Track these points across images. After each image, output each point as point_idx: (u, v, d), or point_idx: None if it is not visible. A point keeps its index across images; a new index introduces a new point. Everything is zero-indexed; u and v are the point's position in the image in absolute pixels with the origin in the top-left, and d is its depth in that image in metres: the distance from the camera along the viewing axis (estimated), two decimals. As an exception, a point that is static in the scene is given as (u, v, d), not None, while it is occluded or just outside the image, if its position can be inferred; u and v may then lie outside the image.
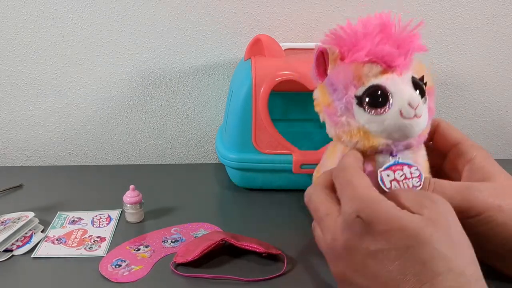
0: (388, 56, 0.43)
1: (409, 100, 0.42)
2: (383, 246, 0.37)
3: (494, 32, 0.80)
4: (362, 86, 0.43)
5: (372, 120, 0.43)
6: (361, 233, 0.38)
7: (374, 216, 0.37)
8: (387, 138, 0.43)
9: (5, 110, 0.80)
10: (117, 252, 0.55)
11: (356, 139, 0.44)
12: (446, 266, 0.35)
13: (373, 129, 0.43)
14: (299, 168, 0.65)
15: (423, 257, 0.35)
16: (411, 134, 0.43)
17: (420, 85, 0.45)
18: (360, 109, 0.43)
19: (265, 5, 0.76)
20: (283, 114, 0.71)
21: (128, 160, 0.85)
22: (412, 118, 0.42)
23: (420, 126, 0.44)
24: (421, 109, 0.43)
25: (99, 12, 0.75)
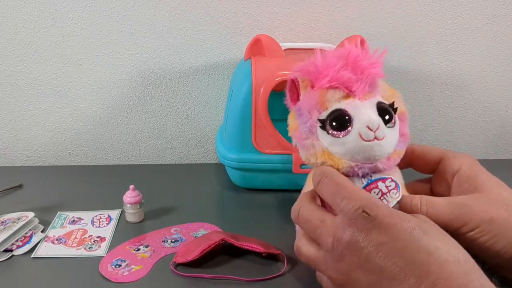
0: (348, 82, 0.45)
1: (367, 123, 0.44)
2: (389, 237, 0.38)
3: (494, 32, 0.80)
4: (325, 111, 0.46)
5: (334, 143, 0.45)
6: (366, 227, 0.39)
7: (377, 211, 0.39)
8: (351, 160, 0.45)
9: (5, 110, 0.80)
10: (117, 252, 0.55)
11: (322, 160, 0.45)
12: (450, 254, 0.36)
13: (335, 151, 0.45)
14: (299, 168, 0.65)
15: (429, 248, 0.37)
16: (373, 157, 0.44)
17: (387, 110, 0.46)
18: (323, 132, 0.45)
19: (265, 5, 0.76)
20: (283, 114, 0.71)
21: (128, 160, 0.85)
22: (372, 140, 0.44)
23: (383, 150, 0.45)
24: (382, 132, 0.44)
25: (99, 12, 0.75)
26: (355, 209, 0.39)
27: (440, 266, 0.35)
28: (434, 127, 0.85)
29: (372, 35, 0.78)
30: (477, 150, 0.86)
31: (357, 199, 0.40)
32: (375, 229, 0.38)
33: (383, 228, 0.38)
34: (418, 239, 0.37)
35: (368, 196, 0.41)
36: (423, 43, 0.80)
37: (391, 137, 0.46)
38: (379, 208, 0.39)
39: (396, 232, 0.38)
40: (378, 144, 0.44)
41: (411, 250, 0.37)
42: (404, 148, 0.48)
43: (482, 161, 0.50)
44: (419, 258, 0.36)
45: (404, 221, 0.38)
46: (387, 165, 0.46)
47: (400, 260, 0.37)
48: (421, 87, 0.82)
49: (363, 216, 0.39)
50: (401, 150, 0.47)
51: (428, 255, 0.36)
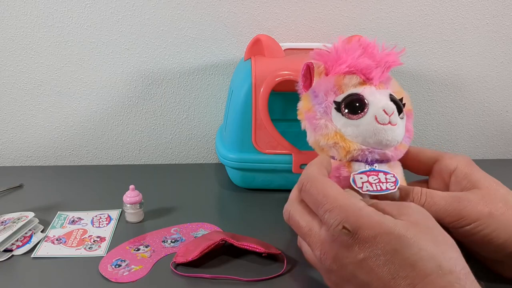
0: (366, 69, 0.47)
1: (384, 107, 0.45)
2: (371, 253, 0.37)
3: (494, 32, 0.80)
4: (341, 94, 0.47)
5: (348, 124, 0.46)
6: (348, 243, 0.38)
7: (358, 223, 0.37)
8: (362, 143, 0.45)
9: (5, 110, 0.80)
10: (117, 252, 0.55)
11: (333, 140, 0.46)
12: (434, 265, 0.35)
13: (348, 133, 0.46)
14: (299, 168, 0.65)
15: (412, 259, 0.35)
16: (385, 141, 0.45)
17: (397, 102, 0.48)
18: (338, 114, 0.46)
19: (265, 5, 0.76)
20: (283, 114, 0.71)
21: (128, 160, 0.85)
22: (386, 124, 0.45)
23: (395, 136, 0.46)
24: (396, 118, 0.46)
25: (99, 12, 0.75)
26: (335, 225, 0.38)
27: (424, 279, 0.35)
28: (434, 127, 0.85)
29: (372, 35, 0.78)
30: (477, 150, 0.86)
31: (337, 212, 0.38)
32: (357, 244, 0.37)
33: (364, 242, 0.37)
34: (402, 249, 0.36)
35: (350, 205, 0.39)
36: (423, 43, 0.80)
37: (401, 127, 0.47)
38: (360, 220, 0.37)
39: (379, 245, 0.36)
40: (392, 128, 0.45)
41: (394, 263, 0.36)
42: (408, 144, 0.49)
43: (482, 161, 0.50)
44: (402, 272, 0.35)
45: (387, 230, 0.37)
46: (394, 154, 0.47)
47: (383, 274, 0.36)
48: (421, 87, 0.82)
49: (343, 232, 0.38)
50: (406, 144, 0.48)
51: (411, 268, 0.35)
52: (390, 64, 0.48)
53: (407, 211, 0.39)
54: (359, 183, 0.44)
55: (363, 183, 0.44)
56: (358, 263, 0.37)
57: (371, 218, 0.38)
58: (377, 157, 0.46)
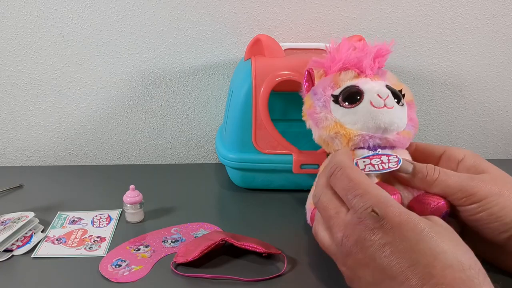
0: (358, 61, 0.49)
1: (378, 92, 0.47)
2: (394, 239, 0.38)
3: (494, 32, 0.80)
4: (338, 88, 0.49)
5: (346, 113, 0.48)
6: (373, 227, 0.39)
7: (387, 210, 0.39)
8: (362, 129, 0.47)
9: (5, 110, 0.80)
10: (117, 252, 0.55)
11: (334, 131, 0.48)
12: (455, 259, 0.36)
13: (347, 122, 0.48)
14: (299, 168, 0.65)
15: (434, 249, 0.37)
16: (384, 124, 0.47)
17: (394, 91, 0.49)
18: (336, 106, 0.48)
19: (265, 5, 0.76)
20: (283, 114, 0.71)
21: (128, 160, 0.85)
22: (382, 107, 0.47)
23: (393, 118, 0.47)
24: (391, 101, 0.47)
25: (99, 12, 0.75)
26: (364, 208, 0.40)
27: (444, 270, 0.35)
28: (434, 127, 0.86)
29: (372, 35, 0.78)
30: (477, 150, 0.86)
31: (368, 197, 0.40)
32: (383, 228, 0.39)
33: (391, 227, 0.38)
34: (425, 240, 0.37)
35: (381, 193, 0.41)
36: (423, 43, 0.80)
37: (401, 113, 0.48)
38: (388, 208, 0.39)
39: (403, 232, 0.38)
40: (388, 111, 0.47)
41: (416, 251, 0.37)
42: (413, 132, 0.50)
43: (482, 161, 0.50)
44: (423, 260, 0.36)
45: (412, 221, 0.38)
46: (397, 139, 0.48)
47: (403, 260, 0.37)
48: (421, 87, 0.82)
49: (371, 215, 0.39)
50: (410, 132, 0.49)
51: (433, 258, 0.36)
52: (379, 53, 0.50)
53: (430, 218, 0.41)
54: (362, 166, 0.46)
55: (366, 165, 0.46)
56: (379, 247, 0.38)
57: (399, 209, 0.39)
58: (379, 141, 0.47)
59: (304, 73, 0.54)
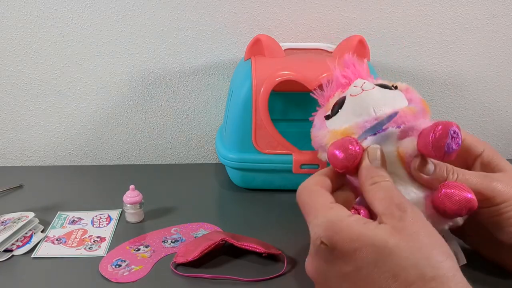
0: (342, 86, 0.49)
1: (354, 85, 0.48)
2: (352, 267, 0.36)
3: (494, 32, 0.80)
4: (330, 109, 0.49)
5: (336, 118, 0.47)
6: (328, 258, 0.38)
7: (337, 238, 0.37)
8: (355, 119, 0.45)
9: (5, 110, 0.80)
10: (117, 252, 0.55)
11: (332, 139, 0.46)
12: (417, 273, 0.34)
13: (340, 124, 0.47)
14: (299, 168, 0.65)
15: (394, 269, 0.35)
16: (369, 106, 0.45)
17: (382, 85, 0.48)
18: (329, 120, 0.48)
19: (265, 5, 0.76)
20: (283, 114, 0.71)
21: (128, 160, 0.85)
22: (360, 93, 0.46)
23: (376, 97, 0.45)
24: (369, 85, 0.47)
25: (99, 12, 0.75)
26: (314, 239, 0.38)
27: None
28: (434, 127, 0.85)
29: (372, 35, 0.78)
30: (477, 150, 0.86)
31: (318, 226, 0.38)
32: (337, 259, 0.37)
33: (345, 256, 0.37)
34: (382, 262, 0.35)
35: (332, 217, 0.38)
36: (423, 43, 0.80)
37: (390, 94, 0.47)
38: (337, 234, 0.37)
39: (359, 259, 0.36)
40: (367, 93, 0.46)
41: (376, 275, 0.35)
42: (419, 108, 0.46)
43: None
44: (385, 284, 0.35)
45: (366, 243, 0.36)
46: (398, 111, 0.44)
47: (367, 287, 0.36)
48: (421, 87, 0.82)
49: (322, 248, 0.37)
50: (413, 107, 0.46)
51: (393, 279, 0.35)
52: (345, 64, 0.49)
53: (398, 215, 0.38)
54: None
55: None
56: (341, 277, 0.37)
57: (350, 230, 0.37)
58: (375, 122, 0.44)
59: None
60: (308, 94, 0.54)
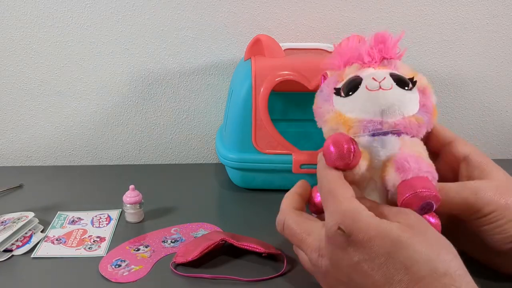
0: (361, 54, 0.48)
1: (372, 75, 0.45)
2: (365, 256, 0.37)
3: (494, 32, 0.80)
4: (342, 82, 0.47)
5: (345, 102, 0.46)
6: (343, 245, 0.38)
7: (354, 226, 0.38)
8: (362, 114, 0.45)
9: (5, 110, 0.80)
10: (117, 252, 0.55)
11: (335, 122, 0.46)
12: (428, 267, 0.35)
13: (346, 110, 0.46)
14: (299, 168, 0.65)
15: (406, 262, 0.35)
16: (379, 105, 0.44)
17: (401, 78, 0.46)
18: (337, 97, 0.47)
19: (265, 5, 0.76)
20: (283, 114, 0.71)
21: (128, 160, 0.85)
22: (377, 89, 0.44)
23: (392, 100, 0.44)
24: (388, 83, 0.45)
25: (99, 12, 0.75)
26: (331, 225, 0.39)
27: (419, 282, 0.35)
28: (434, 127, 0.85)
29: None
30: (477, 150, 0.86)
31: (337, 213, 0.39)
32: (351, 246, 0.38)
33: (359, 245, 0.37)
34: (396, 254, 0.36)
35: (352, 207, 0.39)
36: (423, 43, 0.80)
37: (404, 96, 0.45)
38: (355, 223, 0.38)
39: (373, 248, 0.37)
40: (384, 93, 0.44)
41: (388, 267, 0.36)
42: (426, 119, 0.46)
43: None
44: (396, 275, 0.35)
45: (381, 234, 0.37)
46: (400, 123, 0.44)
47: (378, 277, 0.36)
48: (421, 87, 0.82)
49: (338, 233, 0.38)
50: (422, 118, 0.46)
51: (405, 271, 0.35)
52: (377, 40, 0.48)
53: (404, 216, 0.39)
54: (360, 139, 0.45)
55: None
56: (353, 266, 0.38)
57: (368, 221, 0.38)
58: (379, 126, 0.44)
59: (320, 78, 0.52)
60: (308, 94, 0.54)
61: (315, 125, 0.55)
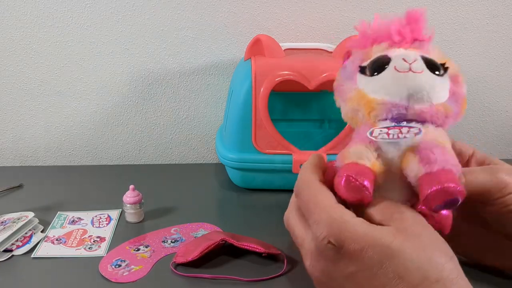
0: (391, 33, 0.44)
1: (403, 56, 0.42)
2: (358, 267, 0.36)
3: (494, 32, 0.80)
4: (368, 60, 0.44)
5: (370, 81, 0.42)
6: (334, 258, 0.37)
7: (343, 237, 0.36)
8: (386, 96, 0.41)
9: (5, 110, 0.80)
10: (117, 252, 0.55)
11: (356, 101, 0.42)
12: (420, 275, 0.34)
13: (371, 90, 0.42)
14: (299, 168, 0.65)
15: (399, 271, 0.35)
16: (407, 89, 0.41)
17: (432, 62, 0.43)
18: (362, 76, 0.43)
19: (265, 5, 0.76)
20: (283, 114, 0.71)
21: (128, 160, 0.85)
22: (406, 71, 0.41)
23: (421, 83, 0.41)
24: (419, 65, 0.41)
25: (99, 12, 0.75)
26: (321, 239, 0.37)
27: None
28: (434, 127, 0.85)
29: (372, 35, 0.78)
30: (477, 150, 0.86)
31: (323, 224, 0.37)
32: (343, 259, 0.37)
33: (351, 256, 0.36)
34: (387, 263, 0.35)
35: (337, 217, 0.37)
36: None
37: (435, 81, 0.42)
38: (344, 233, 0.36)
39: (364, 259, 0.36)
40: (414, 75, 0.41)
41: (381, 277, 0.35)
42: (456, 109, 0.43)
43: (482, 161, 0.50)
44: (389, 285, 0.35)
45: (372, 244, 0.36)
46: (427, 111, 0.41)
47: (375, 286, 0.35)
48: (421, 87, 0.82)
49: (329, 247, 0.37)
50: (451, 107, 0.43)
51: (399, 280, 0.34)
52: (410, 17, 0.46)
53: (398, 216, 0.38)
54: (376, 134, 0.40)
55: (380, 134, 0.40)
56: (346, 277, 0.37)
57: (356, 230, 0.36)
58: (404, 111, 0.41)
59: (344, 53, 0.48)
60: (308, 94, 0.54)
61: (315, 125, 0.55)
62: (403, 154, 0.40)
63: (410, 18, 0.45)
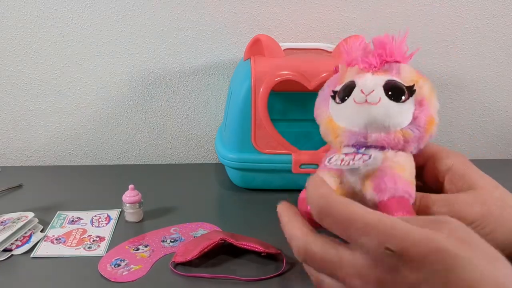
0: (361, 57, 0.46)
1: (361, 87, 0.43)
2: (423, 275, 0.32)
3: (494, 32, 0.80)
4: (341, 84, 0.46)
5: (337, 109, 0.45)
6: (394, 266, 0.33)
7: (404, 244, 0.33)
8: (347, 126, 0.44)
9: (5, 110, 0.80)
10: (116, 252, 0.55)
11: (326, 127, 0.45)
12: (493, 285, 0.32)
13: (337, 118, 0.45)
14: (299, 168, 0.65)
15: (470, 281, 0.32)
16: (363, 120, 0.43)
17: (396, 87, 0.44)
18: (333, 102, 0.46)
19: (265, 5, 0.76)
20: (283, 114, 0.71)
21: (128, 160, 0.85)
22: (362, 103, 0.43)
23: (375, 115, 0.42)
24: (375, 97, 0.43)
25: (99, 12, 0.75)
26: (375, 247, 0.33)
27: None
28: (434, 127, 0.85)
29: (372, 35, 0.78)
30: (477, 150, 0.86)
31: (374, 232, 0.34)
32: (406, 266, 0.33)
33: (414, 262, 0.33)
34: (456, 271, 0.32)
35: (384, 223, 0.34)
36: (423, 43, 0.80)
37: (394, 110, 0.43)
38: (404, 239, 0.33)
39: (430, 266, 0.32)
40: (369, 107, 0.43)
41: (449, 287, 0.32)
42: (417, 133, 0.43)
43: (482, 161, 0.50)
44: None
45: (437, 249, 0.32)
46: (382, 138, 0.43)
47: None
48: (421, 87, 0.82)
49: (387, 254, 0.33)
50: (411, 132, 0.43)
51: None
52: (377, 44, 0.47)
53: (448, 227, 0.34)
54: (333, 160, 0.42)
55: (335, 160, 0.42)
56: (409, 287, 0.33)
57: (415, 234, 0.33)
58: (362, 140, 0.43)
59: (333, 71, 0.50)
60: (308, 94, 0.53)
61: (315, 125, 0.54)
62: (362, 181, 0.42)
63: (376, 46, 0.47)
